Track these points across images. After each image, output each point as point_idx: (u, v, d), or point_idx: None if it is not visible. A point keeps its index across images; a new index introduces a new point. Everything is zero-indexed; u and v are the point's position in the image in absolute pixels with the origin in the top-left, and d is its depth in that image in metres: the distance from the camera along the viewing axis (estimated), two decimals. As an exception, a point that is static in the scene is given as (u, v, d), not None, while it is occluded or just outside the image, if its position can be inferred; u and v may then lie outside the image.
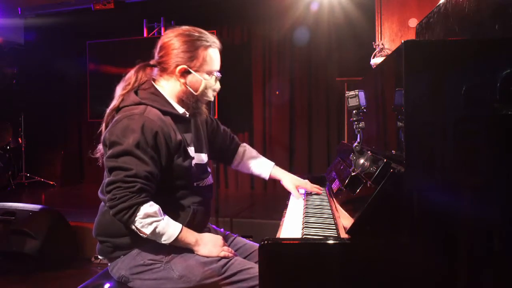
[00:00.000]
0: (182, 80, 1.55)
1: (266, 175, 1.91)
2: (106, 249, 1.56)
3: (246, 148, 1.94)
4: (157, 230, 1.41)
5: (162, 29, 5.97)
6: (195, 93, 1.57)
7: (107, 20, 5.83)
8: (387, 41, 3.56)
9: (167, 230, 1.43)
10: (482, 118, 1.07)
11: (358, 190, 1.29)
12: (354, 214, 1.16)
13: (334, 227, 1.39)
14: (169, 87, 1.57)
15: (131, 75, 1.61)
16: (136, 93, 1.55)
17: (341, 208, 1.42)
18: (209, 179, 1.67)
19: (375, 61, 3.25)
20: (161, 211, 1.44)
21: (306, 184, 1.94)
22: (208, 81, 1.57)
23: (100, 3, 5.29)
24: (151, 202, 1.42)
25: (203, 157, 1.65)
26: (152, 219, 1.40)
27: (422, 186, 1.07)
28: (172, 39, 1.54)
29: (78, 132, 6.67)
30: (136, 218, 1.39)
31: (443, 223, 1.07)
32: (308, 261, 1.11)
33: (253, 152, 1.95)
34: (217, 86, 1.62)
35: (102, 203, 1.59)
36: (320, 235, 1.32)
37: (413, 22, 3.41)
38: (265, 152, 5.66)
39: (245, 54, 5.76)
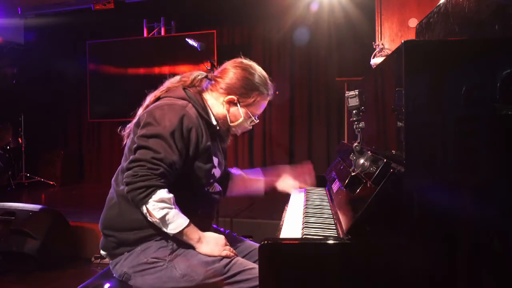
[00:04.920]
0: (226, 107, 1.62)
1: (261, 191, 1.95)
2: (110, 244, 1.56)
3: (235, 172, 1.94)
4: (166, 217, 1.42)
5: (162, 29, 5.98)
6: (230, 124, 1.65)
7: (107, 20, 5.83)
8: (387, 41, 3.56)
9: (176, 220, 1.44)
10: (482, 118, 1.07)
11: (358, 190, 1.29)
12: (354, 214, 1.16)
13: (334, 227, 1.39)
14: (212, 104, 1.64)
15: (189, 75, 1.68)
16: (183, 90, 1.61)
17: (341, 208, 1.42)
18: (217, 186, 1.70)
19: (375, 61, 3.25)
20: (174, 201, 1.45)
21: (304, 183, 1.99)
22: (245, 120, 1.65)
23: (100, 3, 5.29)
24: (168, 189, 1.44)
25: (219, 172, 1.69)
26: (165, 205, 1.42)
27: (422, 186, 1.07)
28: (238, 69, 1.63)
29: (78, 132, 6.67)
30: (150, 200, 1.40)
31: (443, 223, 1.07)
32: (308, 261, 1.11)
33: (240, 173, 1.95)
34: (249, 127, 1.71)
35: (111, 196, 1.60)
36: (320, 235, 1.32)
37: (413, 22, 3.41)
38: (265, 152, 5.67)
39: (245, 54, 5.75)
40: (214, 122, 1.63)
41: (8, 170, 5.78)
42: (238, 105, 1.61)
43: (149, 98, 1.62)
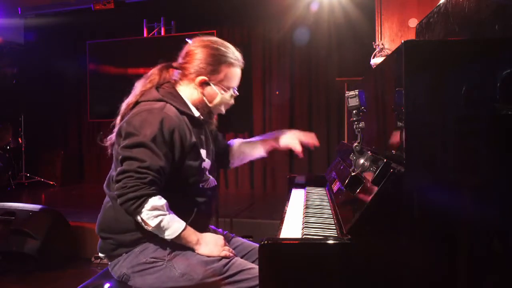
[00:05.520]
0: (200, 90, 1.59)
1: (263, 152, 1.88)
2: (108, 246, 1.56)
3: (234, 143, 1.92)
4: (162, 224, 1.42)
5: (162, 29, 5.98)
6: (209, 104, 1.61)
7: (107, 20, 5.84)
8: (387, 41, 3.56)
9: (172, 225, 1.44)
10: (482, 118, 1.07)
11: (358, 190, 1.29)
12: (354, 214, 1.16)
13: (334, 227, 1.39)
14: (186, 92, 1.61)
15: (154, 72, 1.65)
16: (157, 90, 1.58)
17: (341, 208, 1.42)
18: (213, 181, 1.68)
19: (375, 61, 3.25)
20: (168, 206, 1.45)
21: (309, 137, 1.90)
22: (224, 96, 1.61)
23: (100, 3, 5.29)
24: (160, 196, 1.43)
25: (209, 163, 1.67)
26: (158, 212, 1.41)
27: (422, 186, 1.07)
28: (199, 48, 1.58)
29: (78, 132, 6.67)
30: (143, 210, 1.39)
31: (443, 223, 1.07)
32: (308, 261, 1.10)
33: (240, 141, 1.92)
34: (231, 102, 1.66)
35: (106, 199, 1.60)
36: (320, 235, 1.32)
37: (413, 22, 3.41)
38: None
39: (245, 54, 5.75)
40: (197, 114, 1.60)
41: (8, 170, 5.78)
42: (210, 84, 1.57)
43: (124, 105, 1.60)
